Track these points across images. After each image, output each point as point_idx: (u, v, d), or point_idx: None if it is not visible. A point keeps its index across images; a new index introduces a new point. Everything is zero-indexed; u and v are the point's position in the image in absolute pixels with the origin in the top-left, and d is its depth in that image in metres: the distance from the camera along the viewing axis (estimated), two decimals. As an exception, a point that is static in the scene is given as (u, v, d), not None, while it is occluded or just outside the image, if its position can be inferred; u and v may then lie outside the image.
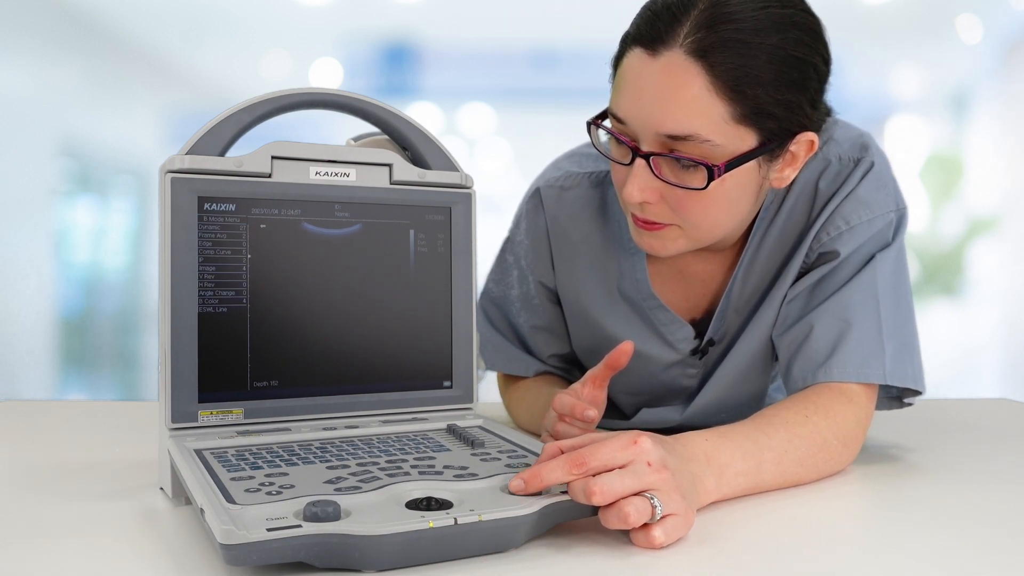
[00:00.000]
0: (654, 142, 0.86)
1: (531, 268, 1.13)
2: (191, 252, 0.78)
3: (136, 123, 3.38)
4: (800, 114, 0.86)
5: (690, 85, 0.82)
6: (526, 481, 0.66)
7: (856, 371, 0.91)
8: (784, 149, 0.88)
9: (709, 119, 0.83)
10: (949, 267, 3.59)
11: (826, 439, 0.86)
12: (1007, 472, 0.95)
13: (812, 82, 0.86)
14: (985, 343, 3.59)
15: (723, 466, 0.77)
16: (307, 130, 0.94)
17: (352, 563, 0.59)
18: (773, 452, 0.81)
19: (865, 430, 0.92)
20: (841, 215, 0.96)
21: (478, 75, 3.44)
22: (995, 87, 3.54)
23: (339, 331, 0.84)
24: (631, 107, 0.86)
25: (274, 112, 0.84)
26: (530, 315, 1.15)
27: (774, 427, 0.83)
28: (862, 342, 0.92)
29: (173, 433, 0.78)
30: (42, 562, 0.63)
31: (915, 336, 0.98)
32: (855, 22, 3.37)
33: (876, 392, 0.94)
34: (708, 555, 0.66)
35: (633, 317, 1.07)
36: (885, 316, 0.94)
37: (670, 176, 0.87)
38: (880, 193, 0.97)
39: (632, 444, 0.67)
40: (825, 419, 0.87)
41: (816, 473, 0.86)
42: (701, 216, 0.90)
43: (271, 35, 3.50)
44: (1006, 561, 0.66)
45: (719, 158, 0.85)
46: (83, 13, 3.26)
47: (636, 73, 0.86)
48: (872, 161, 0.97)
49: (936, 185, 3.58)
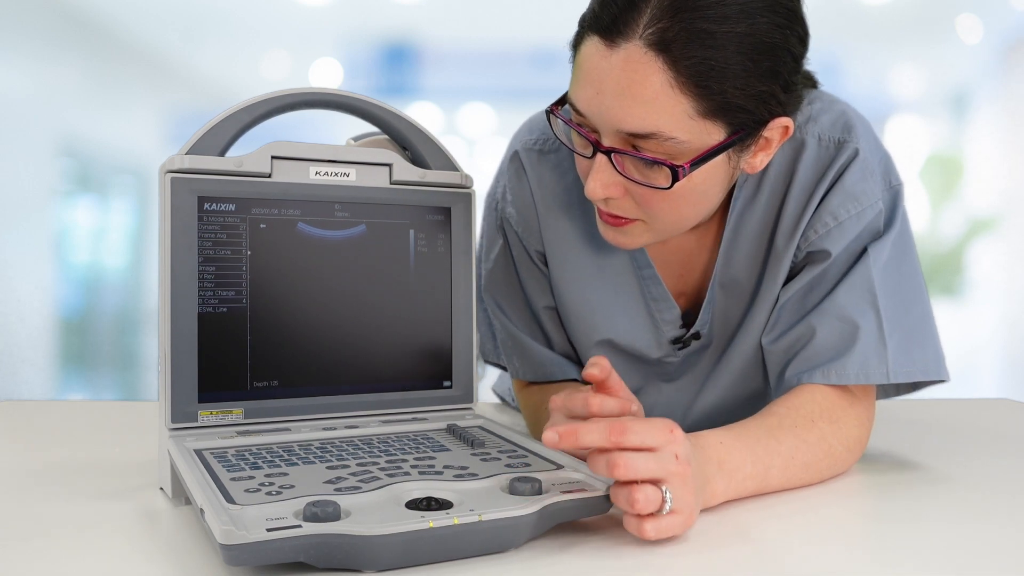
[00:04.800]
0: (615, 138, 0.81)
1: (526, 239, 1.04)
2: (191, 252, 0.78)
3: (136, 123, 3.37)
4: (772, 102, 0.80)
5: (650, 81, 0.76)
6: (561, 436, 0.66)
7: (856, 373, 0.89)
8: (756, 137, 0.83)
9: (672, 116, 0.77)
10: (949, 267, 3.59)
11: (832, 446, 0.86)
12: (1007, 472, 0.95)
13: (786, 66, 0.79)
14: (985, 343, 3.58)
15: (734, 470, 0.77)
16: (307, 130, 0.94)
17: (352, 563, 0.59)
18: (781, 458, 0.81)
19: (868, 430, 0.92)
20: (828, 211, 0.91)
21: (478, 75, 3.44)
22: (995, 87, 3.54)
23: (339, 331, 0.84)
24: (590, 102, 0.80)
25: (274, 112, 0.84)
26: (541, 296, 1.06)
27: (784, 431, 0.83)
28: (862, 342, 0.89)
29: (173, 433, 0.78)
30: (42, 562, 0.63)
31: (926, 320, 0.94)
32: (855, 22, 3.36)
33: (890, 390, 0.93)
34: (709, 556, 0.66)
35: (622, 290, 1.02)
36: (885, 308, 0.90)
37: (634, 173, 0.82)
38: (867, 182, 0.91)
39: (668, 431, 0.68)
40: (831, 425, 0.87)
41: (820, 476, 0.86)
42: (667, 212, 0.85)
43: (271, 35, 3.49)
44: (1007, 561, 0.66)
45: (685, 155, 0.79)
46: (83, 13, 3.26)
47: (593, 66, 0.79)
48: (857, 148, 0.91)
49: (936, 185, 3.58)
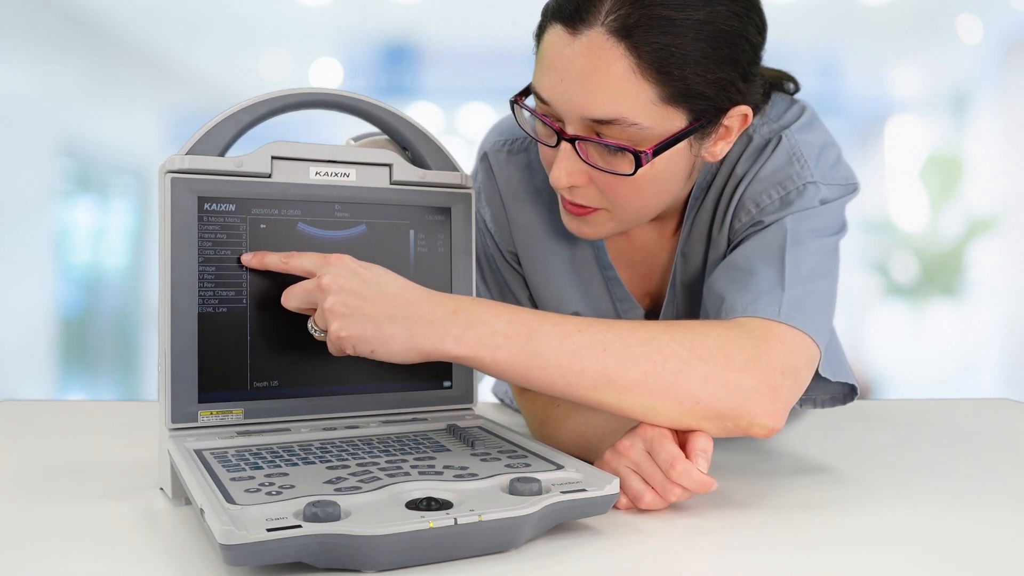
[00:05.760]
0: (579, 125, 0.81)
1: (499, 239, 1.04)
2: (191, 252, 0.78)
3: (136, 123, 3.38)
4: (732, 90, 0.81)
5: (613, 67, 0.77)
6: (254, 255, 0.79)
7: (745, 307, 0.82)
8: (717, 125, 0.83)
9: (635, 102, 0.78)
10: (949, 267, 3.59)
11: (665, 344, 0.75)
12: (1007, 473, 0.95)
13: (744, 55, 0.80)
14: (985, 343, 3.59)
15: (475, 321, 0.74)
16: (307, 130, 0.94)
17: (352, 563, 0.59)
18: (561, 328, 0.74)
19: (759, 358, 0.77)
20: (750, 197, 0.90)
21: (478, 75, 3.44)
22: (995, 87, 3.54)
23: (339, 331, 0.84)
24: (553, 90, 0.81)
25: (274, 112, 0.83)
26: (521, 290, 1.06)
27: (598, 322, 0.76)
28: (757, 281, 0.83)
29: (173, 433, 0.77)
30: (42, 562, 0.63)
31: (828, 304, 0.86)
32: (855, 22, 3.36)
33: (788, 333, 0.79)
34: (708, 557, 0.66)
35: (591, 288, 1.02)
36: (791, 263, 0.84)
37: (598, 160, 0.83)
38: (794, 167, 0.89)
39: (321, 258, 0.77)
40: (683, 329, 0.77)
41: (637, 369, 0.74)
42: (629, 199, 0.86)
43: (271, 35, 3.50)
44: (1007, 562, 0.66)
45: (647, 141, 0.80)
46: (83, 13, 3.26)
47: (557, 53, 0.80)
48: (781, 137, 0.91)
49: (936, 185, 3.59)
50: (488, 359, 0.74)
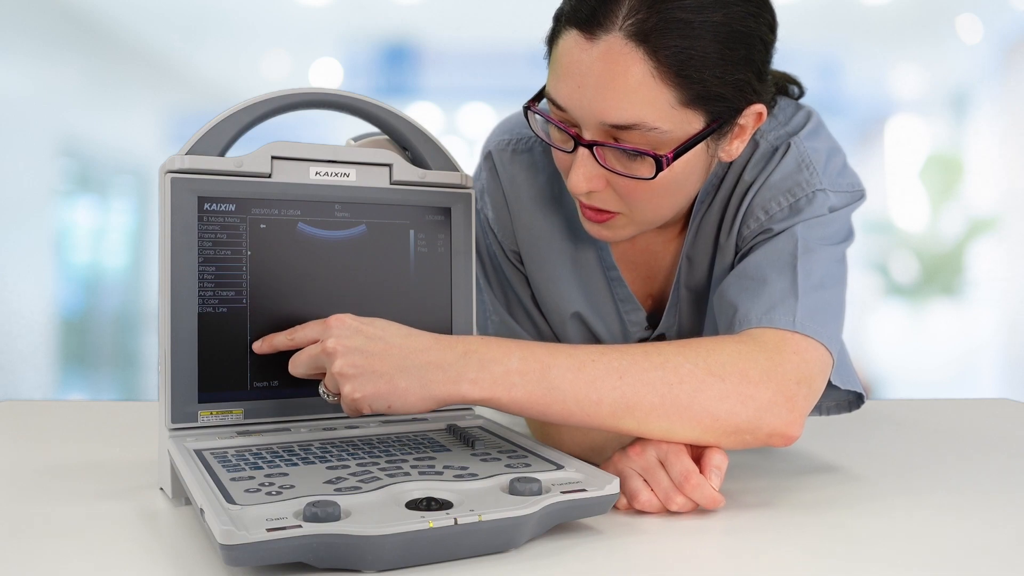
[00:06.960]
0: (597, 131, 0.81)
1: (502, 238, 1.04)
2: (191, 252, 0.78)
3: (136, 123, 3.38)
4: (748, 90, 0.81)
5: (632, 72, 0.76)
6: (264, 340, 0.80)
7: (760, 317, 0.82)
8: (733, 124, 0.83)
9: (654, 107, 0.78)
10: (949, 267, 3.59)
11: (679, 365, 0.74)
12: (1008, 473, 0.95)
13: (759, 54, 0.81)
14: (985, 343, 3.58)
15: (489, 361, 0.73)
16: (307, 130, 0.94)
17: (352, 563, 0.59)
18: (574, 359, 0.74)
19: (774, 370, 0.77)
20: (759, 204, 0.90)
21: (478, 75, 3.44)
22: (995, 87, 3.54)
23: (339, 331, 0.84)
24: (571, 96, 0.80)
25: (274, 112, 0.84)
26: (523, 289, 1.05)
27: (612, 349, 0.76)
28: (769, 290, 0.83)
29: (173, 433, 0.78)
30: (42, 562, 0.63)
31: (839, 312, 0.87)
32: (855, 22, 3.36)
33: (802, 343, 0.80)
34: (709, 557, 0.66)
35: (593, 289, 1.02)
36: (803, 271, 0.84)
37: (616, 165, 0.82)
38: (801, 174, 0.90)
39: (321, 323, 0.76)
40: (697, 348, 0.77)
41: (655, 394, 0.74)
42: (648, 202, 0.86)
43: (271, 35, 3.49)
44: (1006, 561, 0.66)
45: (666, 145, 0.80)
46: (83, 13, 3.26)
47: (574, 59, 0.79)
48: (789, 144, 0.91)
49: (936, 185, 3.58)
50: (505, 398, 0.74)
